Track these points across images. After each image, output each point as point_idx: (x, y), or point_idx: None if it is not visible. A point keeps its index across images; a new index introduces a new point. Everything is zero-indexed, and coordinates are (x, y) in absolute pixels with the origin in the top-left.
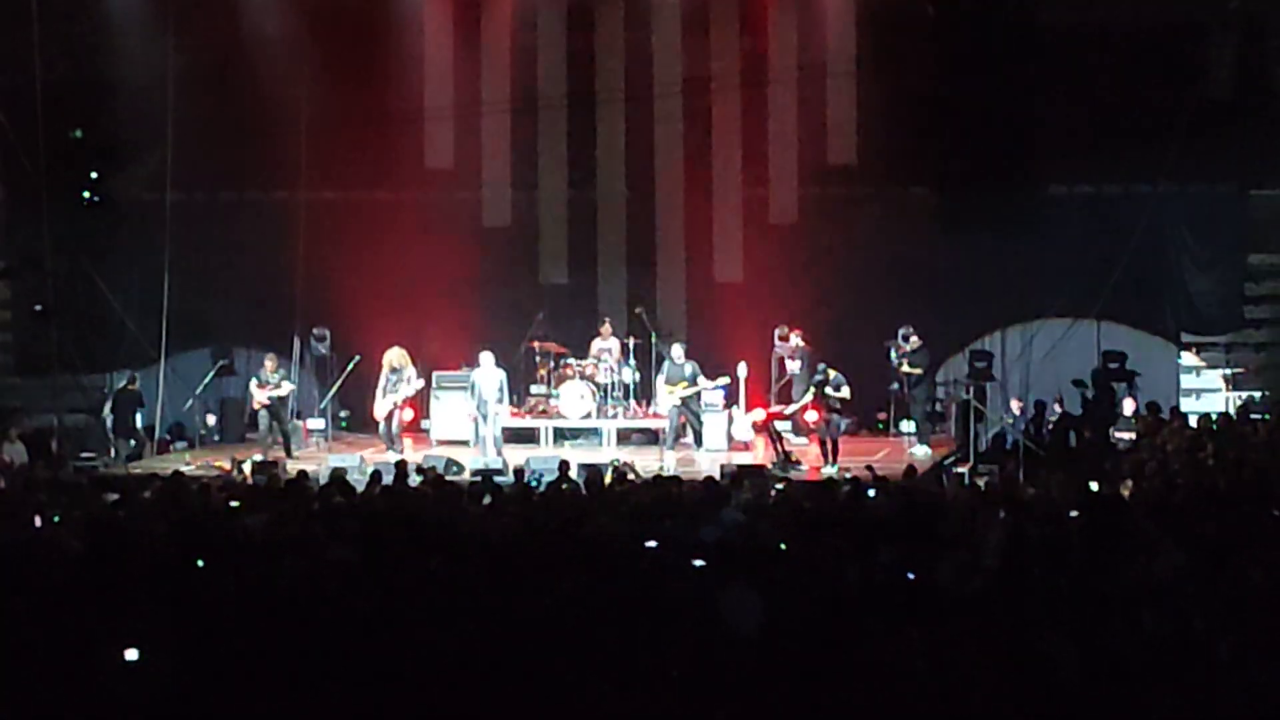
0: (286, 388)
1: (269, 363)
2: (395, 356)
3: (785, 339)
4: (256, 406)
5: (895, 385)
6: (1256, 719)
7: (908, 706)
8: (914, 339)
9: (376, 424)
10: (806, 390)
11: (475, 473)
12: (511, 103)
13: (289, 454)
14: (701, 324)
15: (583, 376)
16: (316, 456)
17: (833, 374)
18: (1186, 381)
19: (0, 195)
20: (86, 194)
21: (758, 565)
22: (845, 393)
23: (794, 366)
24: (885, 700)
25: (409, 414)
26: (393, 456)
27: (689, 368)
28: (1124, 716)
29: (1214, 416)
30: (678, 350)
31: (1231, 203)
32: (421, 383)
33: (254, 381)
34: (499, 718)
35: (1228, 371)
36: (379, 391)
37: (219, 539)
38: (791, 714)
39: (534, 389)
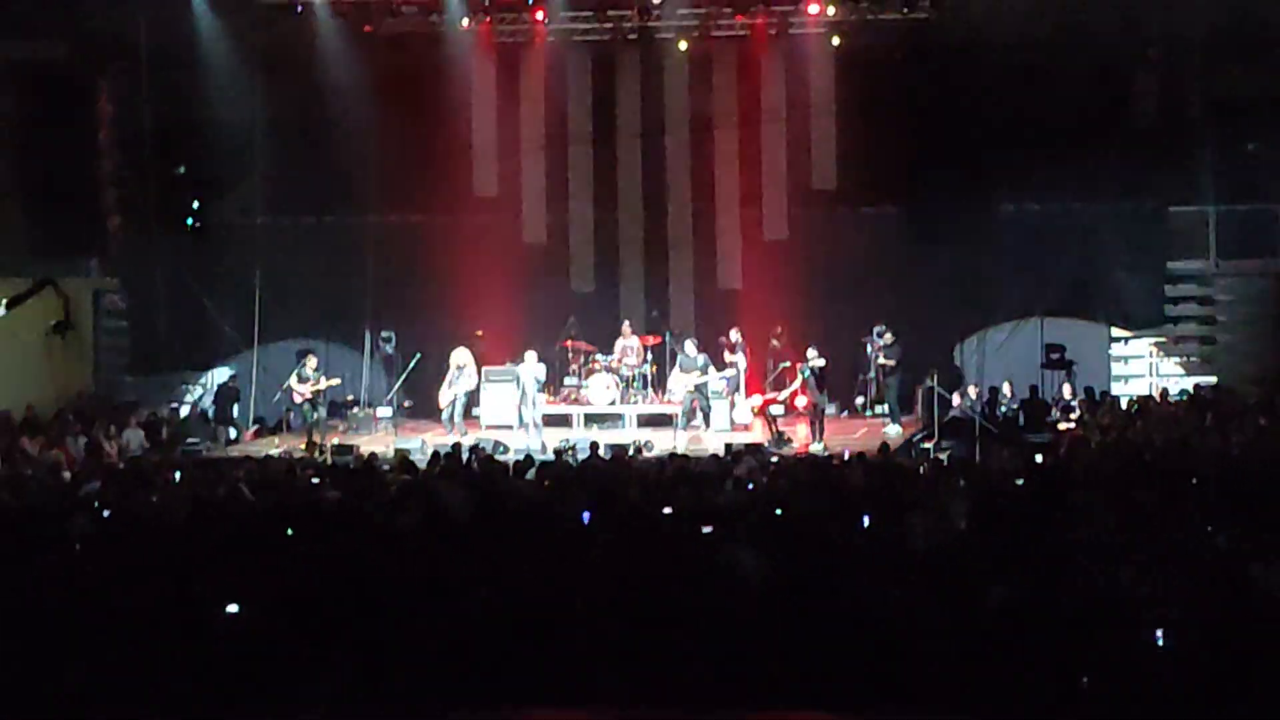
0: (324, 383)
1: (311, 361)
2: (460, 355)
3: (779, 338)
4: (298, 400)
5: (872, 374)
6: (1178, 656)
7: (886, 646)
8: (888, 335)
9: (440, 410)
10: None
11: (519, 452)
12: (546, 139)
13: (321, 439)
14: (708, 324)
15: (608, 370)
16: (385, 440)
17: (813, 359)
18: (1117, 369)
19: (117, 223)
20: (189, 220)
21: (757, 528)
22: (821, 361)
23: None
24: (866, 639)
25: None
26: (452, 439)
27: (701, 359)
28: (1064, 655)
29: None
30: (690, 345)
31: (1154, 217)
32: (477, 380)
33: (294, 378)
34: (541, 659)
35: (1181, 358)
36: (445, 383)
37: (304, 510)
38: (787, 654)
39: (567, 381)
